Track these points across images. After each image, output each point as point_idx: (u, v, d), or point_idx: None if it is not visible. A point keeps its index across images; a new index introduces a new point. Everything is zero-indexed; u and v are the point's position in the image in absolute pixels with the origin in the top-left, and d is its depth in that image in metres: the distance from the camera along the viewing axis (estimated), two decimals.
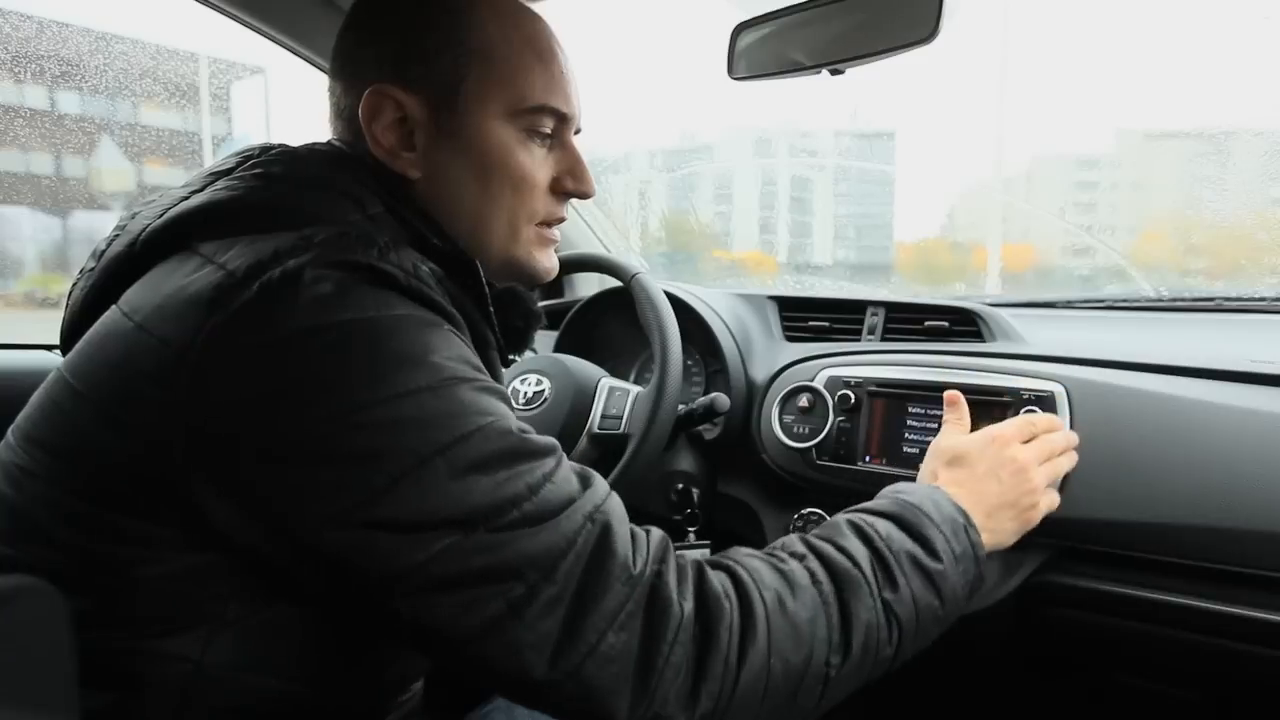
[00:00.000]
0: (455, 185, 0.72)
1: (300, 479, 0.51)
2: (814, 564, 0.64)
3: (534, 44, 0.72)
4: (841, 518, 0.71)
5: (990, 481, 0.81)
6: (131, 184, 1.99)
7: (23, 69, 1.67)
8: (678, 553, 0.61)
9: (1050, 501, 0.87)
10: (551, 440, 0.60)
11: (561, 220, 0.78)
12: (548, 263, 0.78)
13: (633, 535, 0.59)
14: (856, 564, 0.65)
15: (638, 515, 1.19)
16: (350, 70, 0.72)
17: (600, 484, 0.61)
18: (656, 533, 0.61)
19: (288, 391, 0.52)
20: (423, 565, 0.51)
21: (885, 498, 0.75)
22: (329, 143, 0.72)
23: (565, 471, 0.59)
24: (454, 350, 0.58)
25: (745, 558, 0.64)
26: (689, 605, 0.57)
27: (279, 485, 0.52)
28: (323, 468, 0.51)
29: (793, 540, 0.68)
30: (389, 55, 0.71)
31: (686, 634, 0.56)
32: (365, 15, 0.73)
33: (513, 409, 0.62)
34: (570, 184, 0.75)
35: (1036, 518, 0.84)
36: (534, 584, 0.53)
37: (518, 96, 0.71)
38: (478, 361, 0.61)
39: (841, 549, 0.66)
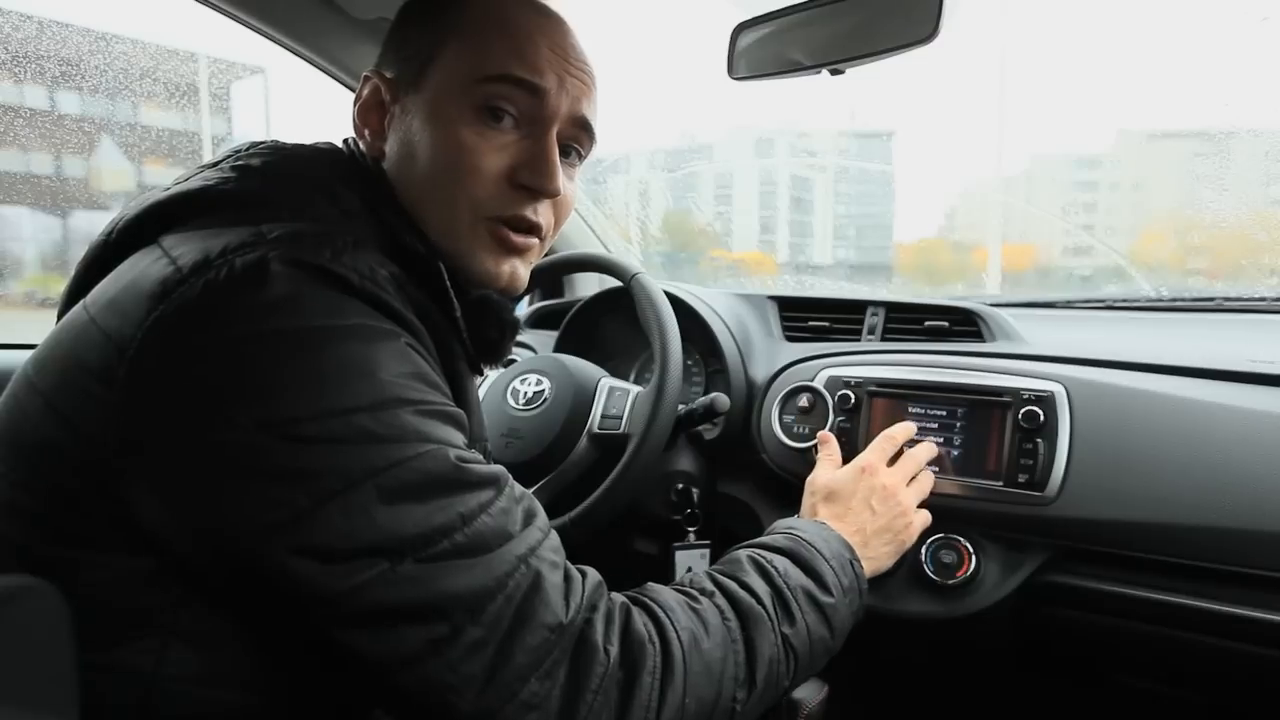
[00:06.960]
0: (406, 164, 0.68)
1: (224, 491, 0.49)
2: (721, 601, 0.66)
3: (508, 15, 0.68)
4: (742, 553, 0.74)
5: (864, 511, 0.87)
6: (131, 184, 1.99)
7: (23, 69, 1.67)
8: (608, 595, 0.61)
9: (922, 520, 0.93)
10: (496, 471, 0.58)
11: (523, 221, 0.69)
12: (496, 268, 0.70)
13: (567, 578, 0.58)
14: (759, 600, 0.67)
15: (638, 515, 1.20)
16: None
17: (541, 523, 0.59)
18: (593, 576, 0.61)
19: (220, 396, 0.49)
20: (345, 595, 0.49)
21: (780, 533, 0.78)
22: (330, 142, 0.72)
23: (505, 504, 0.56)
24: (404, 367, 0.55)
25: (661, 594, 0.64)
26: (614, 650, 0.56)
27: (204, 494, 0.50)
28: (248, 481, 0.49)
29: (701, 577, 0.69)
30: (388, 44, 0.72)
31: (611, 681, 0.55)
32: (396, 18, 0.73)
33: (466, 430, 0.60)
34: (526, 176, 0.67)
35: (911, 538, 0.90)
36: (459, 624, 0.51)
37: (477, 65, 0.66)
38: (434, 378, 0.58)
39: (745, 585, 0.68)
